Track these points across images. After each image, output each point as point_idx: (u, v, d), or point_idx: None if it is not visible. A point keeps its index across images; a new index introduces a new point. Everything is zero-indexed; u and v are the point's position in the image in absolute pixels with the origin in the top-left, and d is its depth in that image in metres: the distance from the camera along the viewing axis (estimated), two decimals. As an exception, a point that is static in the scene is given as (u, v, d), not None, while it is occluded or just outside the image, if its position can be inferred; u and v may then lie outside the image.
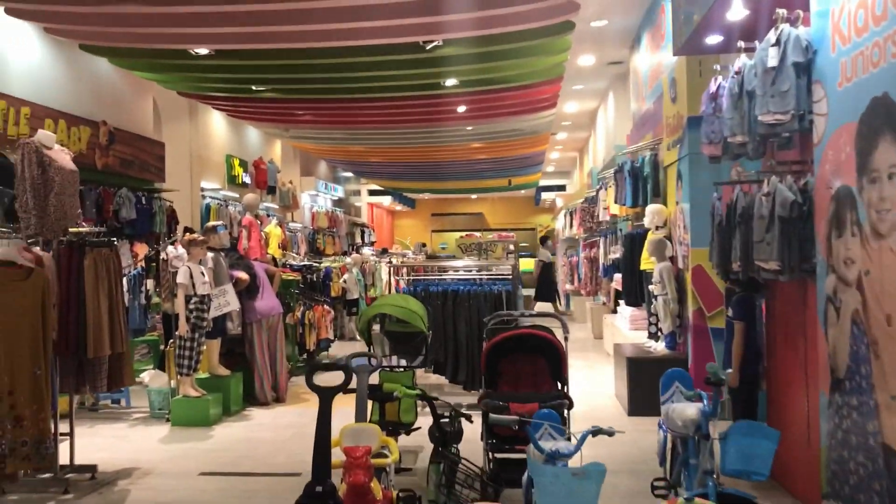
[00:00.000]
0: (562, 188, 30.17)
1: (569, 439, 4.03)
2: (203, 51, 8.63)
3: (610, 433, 3.66)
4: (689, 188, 7.39)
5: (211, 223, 8.18)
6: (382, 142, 15.29)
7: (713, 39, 6.01)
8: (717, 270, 5.84)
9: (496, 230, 34.78)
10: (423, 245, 28.26)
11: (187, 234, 7.76)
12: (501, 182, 23.06)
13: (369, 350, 5.66)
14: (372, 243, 25.91)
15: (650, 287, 8.10)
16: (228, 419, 7.97)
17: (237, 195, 15.15)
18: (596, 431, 3.65)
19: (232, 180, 15.39)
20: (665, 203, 8.43)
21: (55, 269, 5.45)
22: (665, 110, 8.33)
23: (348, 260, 14.89)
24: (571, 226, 17.91)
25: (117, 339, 5.76)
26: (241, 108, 12.57)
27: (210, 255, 8.02)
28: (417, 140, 15.18)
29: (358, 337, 14.66)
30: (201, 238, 7.72)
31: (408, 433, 5.42)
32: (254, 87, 10.62)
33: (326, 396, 3.88)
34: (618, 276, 10.56)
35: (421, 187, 25.15)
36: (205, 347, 7.89)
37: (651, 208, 8.32)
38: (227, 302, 8.02)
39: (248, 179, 16.03)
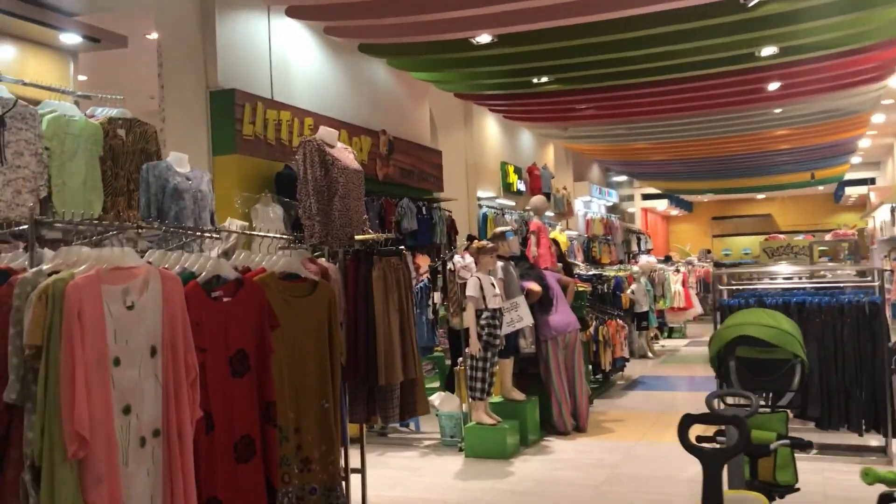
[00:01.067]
0: (871, 181, 26.25)
1: None
2: (484, 39, 7.81)
3: None
4: None
5: (499, 229, 7.29)
6: (666, 135, 13.74)
7: None
8: None
9: (788, 232, 31.35)
10: (708, 251, 25.99)
11: (474, 241, 6.91)
12: (801, 177, 20.31)
13: (721, 385, 4.31)
14: (648, 251, 24.18)
15: None
16: (526, 451, 6.97)
17: (513, 203, 14.41)
18: None
19: (507, 188, 14.71)
20: None
21: (341, 283, 4.74)
22: None
23: (635, 268, 13.49)
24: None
25: (410, 363, 4.93)
26: (518, 108, 11.76)
27: (500, 264, 7.11)
28: (707, 130, 13.43)
29: (650, 354, 13.23)
30: (491, 245, 6.83)
31: (781, 496, 4.02)
32: (534, 80, 9.68)
33: (713, 463, 2.66)
34: None
35: (702, 187, 22.99)
36: (497, 368, 6.98)
37: None
38: (519, 317, 7.05)
39: (522, 186, 15.28)
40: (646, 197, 27.62)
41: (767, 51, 8.57)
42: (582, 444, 7.19)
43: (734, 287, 7.21)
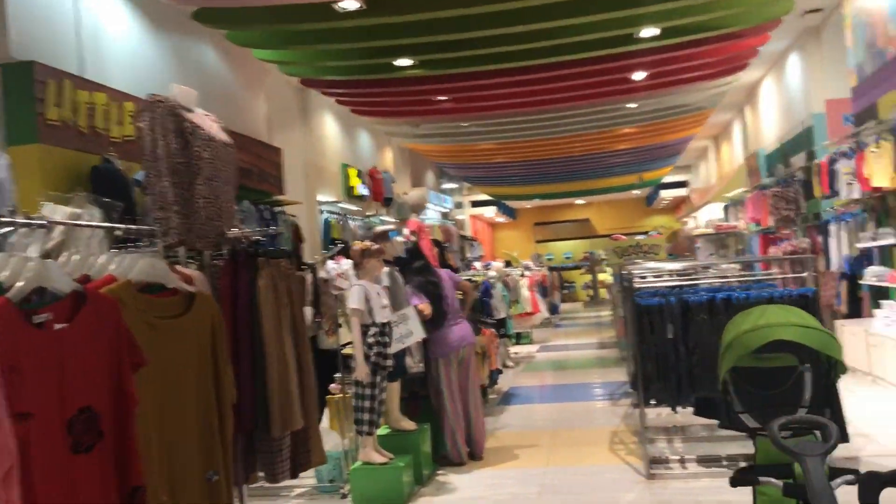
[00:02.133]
0: (682, 184, 27.53)
1: None
2: (351, 4, 6.65)
3: None
4: None
5: (381, 227, 6.13)
6: (516, 133, 13.17)
7: None
8: None
9: (604, 236, 32.31)
10: (539, 255, 26.07)
11: (356, 243, 5.70)
12: (629, 179, 20.61)
13: (725, 400, 3.43)
14: (480, 257, 23.82)
15: None
16: (424, 491, 5.86)
17: (357, 208, 13.24)
18: None
19: (349, 192, 13.53)
20: None
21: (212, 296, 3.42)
22: None
23: (491, 273, 12.74)
24: (731, 220, 15.39)
25: (310, 403, 3.71)
26: (371, 99, 10.62)
27: (385, 269, 5.97)
28: (558, 128, 12.99)
29: (509, 363, 12.50)
30: (377, 247, 5.65)
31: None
32: (396, 63, 8.60)
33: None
34: (878, 270, 8.09)
35: (532, 192, 22.87)
36: (385, 396, 5.81)
37: None
38: (409, 331, 5.93)
39: (365, 191, 14.15)
40: (475, 204, 27.37)
41: (648, 32, 8.06)
42: (485, 476, 6.17)
43: (643, 287, 6.51)
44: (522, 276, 16.08)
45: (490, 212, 28.48)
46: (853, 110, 9.51)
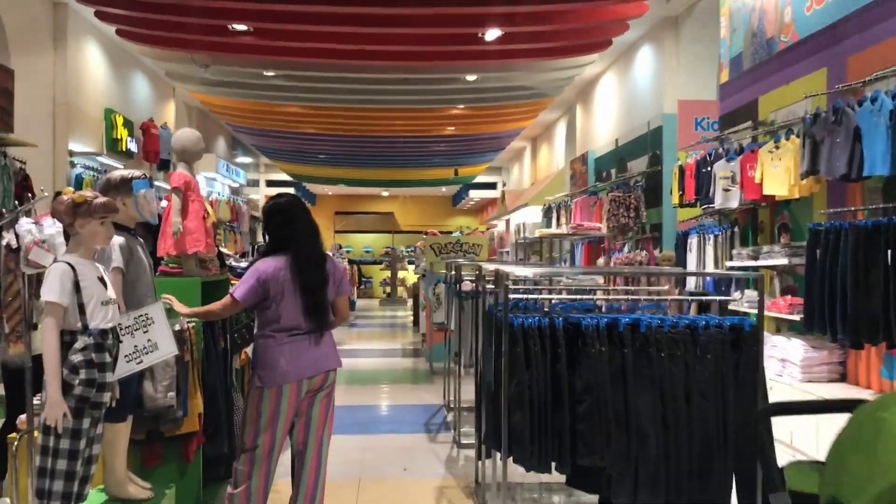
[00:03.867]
0: (492, 186, 26.57)
1: None
2: None
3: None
4: None
5: (120, 172, 3.77)
6: (332, 96, 11.01)
7: None
8: None
9: (408, 233, 30.84)
10: (340, 246, 23.98)
11: (67, 191, 3.35)
12: (445, 173, 19.06)
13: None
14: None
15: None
16: None
17: (121, 165, 10.53)
18: None
19: (112, 145, 10.80)
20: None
21: None
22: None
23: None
24: (553, 225, 14.20)
25: None
26: (146, 17, 8.05)
27: (118, 241, 3.69)
28: (382, 96, 11.00)
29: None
30: (101, 201, 3.36)
31: None
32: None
33: None
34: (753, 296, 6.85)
35: (338, 175, 20.70)
36: (99, 448, 3.51)
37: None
38: (152, 343, 3.69)
39: (134, 147, 11.46)
40: (272, 183, 24.79)
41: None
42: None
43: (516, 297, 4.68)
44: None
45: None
46: (722, 109, 8.38)
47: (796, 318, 5.94)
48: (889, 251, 4.81)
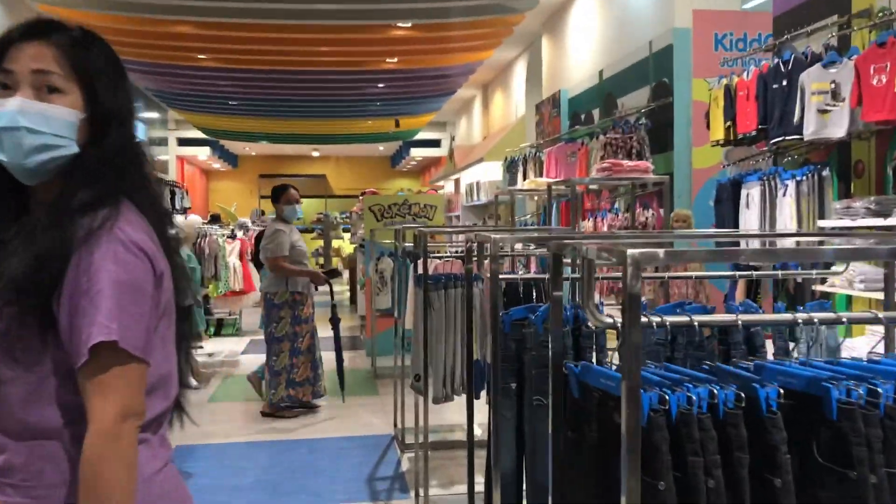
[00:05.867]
0: (435, 143, 23.89)
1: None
2: None
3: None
4: None
5: None
6: (239, 10, 8.12)
7: None
8: None
9: (344, 197, 27.99)
10: (263, 213, 21.01)
11: None
12: (384, 126, 16.25)
13: None
14: (186, 210, 18.40)
15: None
16: None
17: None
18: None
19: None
20: None
21: None
22: None
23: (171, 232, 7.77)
24: (520, 179, 11.68)
25: None
26: None
27: None
28: (308, 8, 8.17)
29: (193, 381, 7.62)
30: None
31: None
32: None
33: None
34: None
35: (257, 129, 17.70)
36: None
37: None
38: None
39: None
40: (183, 142, 21.65)
41: None
42: None
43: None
44: (233, 237, 11.24)
45: (204, 154, 22.89)
46: (776, 9, 5.90)
47: None
48: None
